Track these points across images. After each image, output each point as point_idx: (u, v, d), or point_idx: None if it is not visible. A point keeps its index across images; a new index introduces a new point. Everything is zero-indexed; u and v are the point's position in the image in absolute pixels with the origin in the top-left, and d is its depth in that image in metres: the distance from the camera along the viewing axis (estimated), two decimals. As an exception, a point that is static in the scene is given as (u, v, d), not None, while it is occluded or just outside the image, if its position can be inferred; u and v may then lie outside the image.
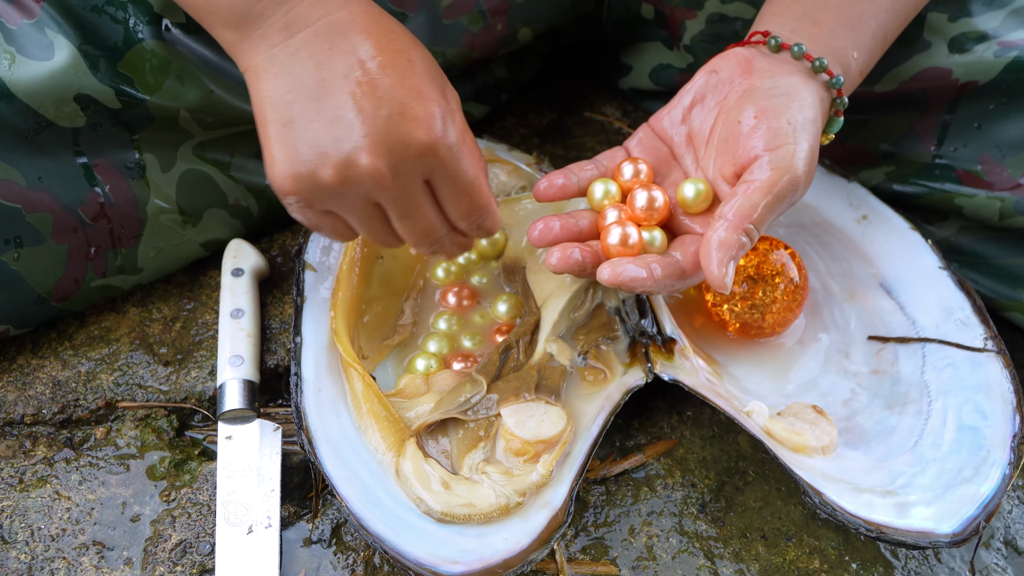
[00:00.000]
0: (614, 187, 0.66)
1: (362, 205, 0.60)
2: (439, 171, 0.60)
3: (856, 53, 0.67)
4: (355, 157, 0.57)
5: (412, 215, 0.61)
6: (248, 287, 0.74)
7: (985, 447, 0.65)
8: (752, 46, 0.67)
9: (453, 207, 0.62)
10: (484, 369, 0.68)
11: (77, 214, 0.70)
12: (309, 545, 0.66)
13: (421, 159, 0.59)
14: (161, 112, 0.71)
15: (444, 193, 0.62)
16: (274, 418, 0.70)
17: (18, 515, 0.66)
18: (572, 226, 0.66)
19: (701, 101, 0.67)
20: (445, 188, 0.61)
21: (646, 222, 0.65)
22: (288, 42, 0.59)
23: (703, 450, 0.71)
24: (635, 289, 0.61)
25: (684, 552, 0.66)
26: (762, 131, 0.62)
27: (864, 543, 0.67)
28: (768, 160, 0.61)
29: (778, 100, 0.63)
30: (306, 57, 0.58)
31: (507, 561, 0.60)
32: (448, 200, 0.62)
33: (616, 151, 0.70)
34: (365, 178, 0.58)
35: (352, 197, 0.59)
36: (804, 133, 0.62)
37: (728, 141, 0.63)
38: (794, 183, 0.61)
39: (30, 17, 0.67)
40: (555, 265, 0.63)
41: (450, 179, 0.61)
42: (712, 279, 0.59)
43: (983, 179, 0.74)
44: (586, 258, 0.63)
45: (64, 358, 0.73)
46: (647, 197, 0.64)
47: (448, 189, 0.61)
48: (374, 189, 0.59)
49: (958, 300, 0.71)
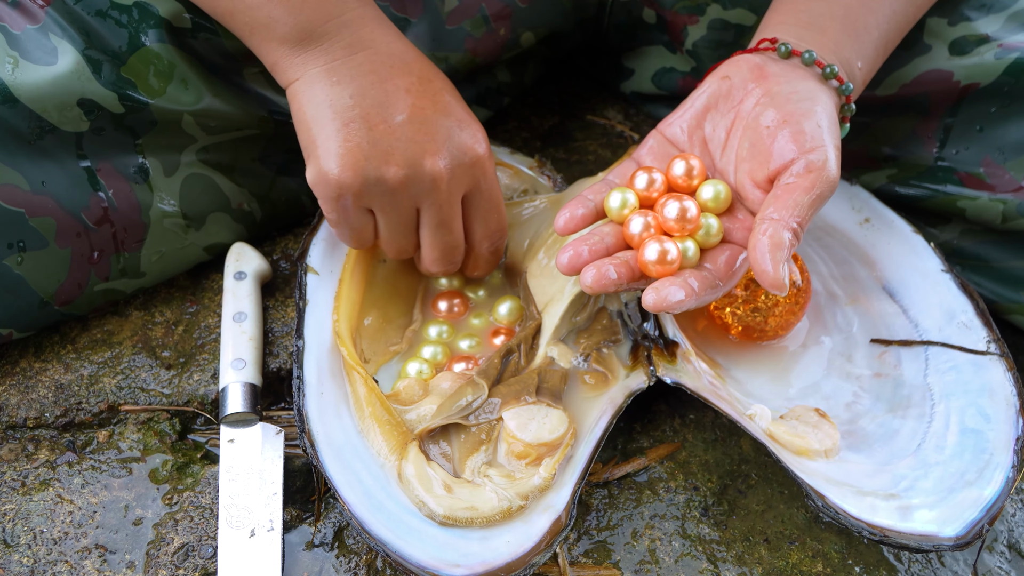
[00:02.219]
0: (632, 196, 0.64)
1: (408, 208, 0.66)
2: (480, 184, 0.67)
3: (860, 62, 0.68)
4: (420, 159, 0.64)
5: (447, 226, 0.67)
6: (250, 290, 0.74)
7: (988, 450, 0.65)
8: (761, 53, 0.67)
9: (481, 224, 0.69)
10: (485, 373, 0.68)
11: (80, 218, 0.70)
12: (311, 548, 0.66)
13: (471, 170, 0.66)
14: (164, 116, 0.71)
15: (478, 209, 0.68)
16: (276, 421, 0.70)
17: (20, 518, 0.66)
18: (598, 244, 0.64)
19: (715, 107, 0.67)
20: (482, 203, 0.68)
21: (679, 233, 0.63)
22: (351, 58, 0.65)
23: (706, 453, 0.71)
24: (678, 311, 0.60)
25: (687, 555, 0.66)
26: (792, 135, 0.62)
27: (867, 546, 0.67)
28: (805, 163, 0.61)
29: (803, 104, 0.63)
30: (369, 71, 0.65)
31: (509, 565, 0.60)
32: (479, 216, 0.69)
33: (626, 164, 0.68)
34: (426, 179, 0.64)
35: (404, 198, 0.65)
36: (831, 136, 0.62)
37: (756, 146, 0.63)
38: (832, 184, 0.61)
39: (34, 22, 0.68)
40: (590, 285, 0.61)
41: (487, 195, 0.68)
42: (768, 280, 0.58)
43: (985, 182, 0.74)
44: (622, 276, 0.61)
45: (67, 361, 0.73)
46: (679, 207, 0.62)
47: (484, 205, 0.68)
48: (428, 192, 0.65)
49: (961, 303, 0.71)
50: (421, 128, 0.64)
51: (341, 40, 0.65)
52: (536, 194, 0.79)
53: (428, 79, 0.66)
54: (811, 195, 0.60)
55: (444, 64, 0.80)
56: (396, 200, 0.65)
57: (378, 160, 0.63)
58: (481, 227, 0.69)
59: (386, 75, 0.65)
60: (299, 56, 0.65)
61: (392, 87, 0.64)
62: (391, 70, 0.65)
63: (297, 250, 0.75)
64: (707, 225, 0.63)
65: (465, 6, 0.79)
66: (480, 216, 0.69)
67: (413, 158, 0.63)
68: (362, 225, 0.67)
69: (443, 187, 0.65)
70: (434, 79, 0.67)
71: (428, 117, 0.64)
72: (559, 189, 0.79)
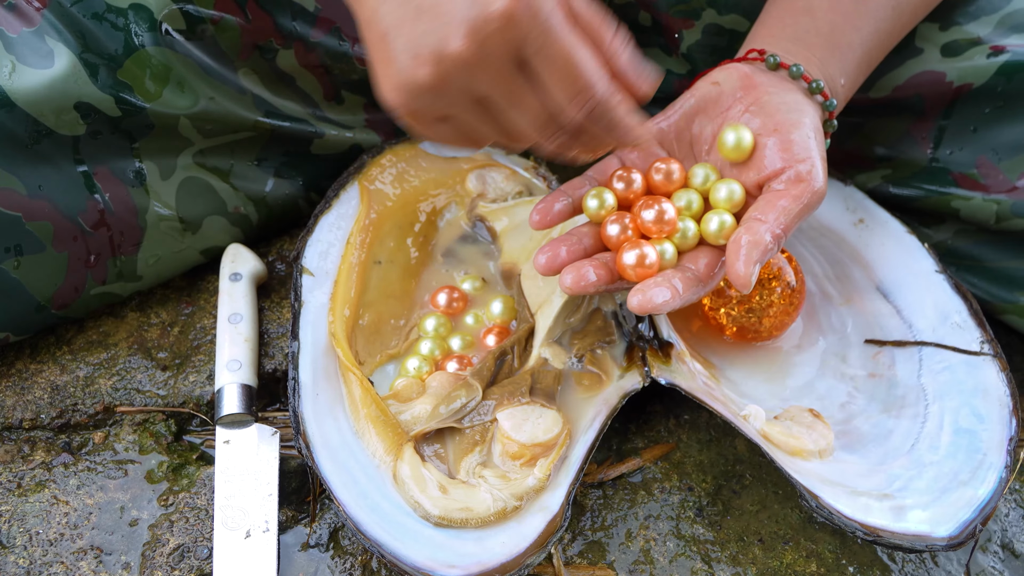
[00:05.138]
0: (610, 196, 0.64)
1: (468, 102, 0.56)
2: (528, 45, 0.53)
3: (843, 79, 0.69)
4: (442, 47, 0.53)
5: (518, 103, 0.55)
6: (246, 292, 0.74)
7: (981, 450, 0.65)
8: (750, 63, 0.68)
9: (554, 88, 0.55)
10: (479, 374, 0.68)
11: (77, 222, 0.70)
12: (307, 549, 0.66)
13: (503, 33, 0.52)
14: (161, 120, 0.71)
15: (540, 72, 0.54)
16: (272, 422, 0.70)
17: (16, 520, 0.66)
18: (576, 245, 0.63)
19: (703, 110, 0.67)
20: (539, 65, 0.54)
21: (656, 235, 0.63)
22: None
23: (700, 454, 0.71)
24: (664, 311, 0.59)
25: (681, 556, 0.66)
26: (781, 144, 0.62)
27: (861, 546, 0.67)
28: (795, 173, 0.61)
29: (791, 115, 0.64)
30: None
31: (504, 565, 0.60)
32: (547, 81, 0.55)
33: (608, 161, 0.68)
34: (457, 66, 0.53)
35: (454, 93, 0.55)
36: (819, 148, 0.63)
37: None
38: (819, 196, 0.62)
39: (30, 25, 0.68)
40: (569, 287, 0.60)
41: (541, 52, 0.53)
42: (736, 276, 0.58)
43: (980, 182, 0.74)
44: (601, 278, 0.61)
45: (62, 363, 0.74)
46: (656, 210, 0.62)
47: (542, 64, 0.54)
48: (469, 78, 0.54)
49: (955, 303, 0.71)
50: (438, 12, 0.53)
51: None
52: (532, 195, 0.79)
53: None
54: (799, 204, 0.61)
55: None
56: (451, 99, 0.55)
57: (411, 67, 0.54)
58: (557, 93, 0.55)
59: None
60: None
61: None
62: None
63: (293, 251, 0.75)
64: (684, 228, 0.63)
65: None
66: (548, 81, 0.54)
67: (434, 52, 0.53)
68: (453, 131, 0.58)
69: (481, 68, 0.53)
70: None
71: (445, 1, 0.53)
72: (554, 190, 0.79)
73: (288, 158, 0.79)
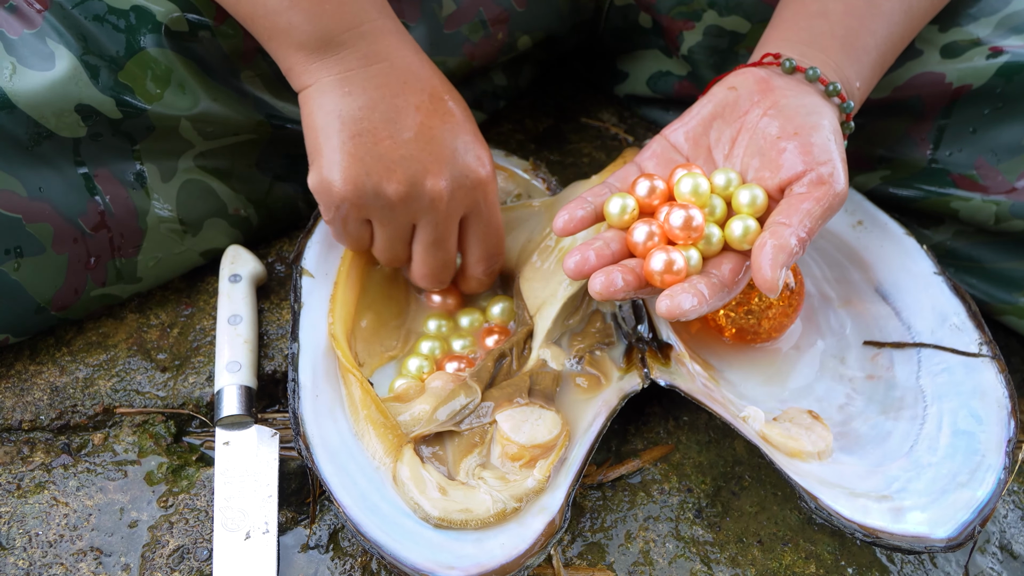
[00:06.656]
0: (632, 201, 0.63)
1: (404, 223, 0.67)
2: (480, 207, 0.67)
3: (858, 82, 0.69)
4: (422, 177, 0.64)
5: (440, 245, 0.68)
6: (246, 293, 0.75)
7: (980, 452, 0.65)
8: (765, 67, 0.68)
9: (477, 246, 0.70)
10: (478, 375, 0.68)
11: (77, 224, 0.70)
12: (306, 551, 0.66)
13: (472, 192, 0.66)
14: (162, 122, 0.71)
15: (476, 231, 0.69)
16: (272, 424, 0.71)
17: (16, 521, 0.66)
18: (604, 250, 0.63)
19: (720, 115, 0.67)
20: (480, 226, 0.69)
21: (683, 241, 0.62)
22: (365, 69, 0.65)
23: (699, 455, 0.71)
24: (691, 317, 0.59)
25: (680, 557, 0.66)
26: (802, 147, 0.62)
27: (860, 548, 0.67)
28: (816, 175, 0.61)
29: (811, 118, 0.64)
30: (381, 84, 0.65)
31: (504, 566, 0.60)
32: (476, 239, 0.69)
33: (628, 168, 0.68)
34: (425, 198, 0.65)
35: (402, 213, 0.66)
36: (839, 150, 0.63)
37: (765, 156, 0.63)
38: (841, 198, 0.62)
39: (31, 27, 0.68)
40: (599, 292, 0.60)
41: (486, 218, 0.68)
42: (764, 281, 0.58)
43: (978, 183, 0.74)
44: (629, 284, 0.61)
45: (62, 364, 0.74)
46: (684, 216, 0.61)
47: (482, 227, 0.69)
48: (426, 210, 0.65)
49: (953, 305, 0.71)
50: (426, 147, 0.65)
51: (357, 51, 0.65)
52: (530, 197, 0.79)
53: (440, 97, 0.67)
54: (821, 206, 0.60)
55: (441, 68, 0.81)
56: (393, 215, 0.66)
57: (379, 175, 0.64)
58: (477, 249, 0.70)
59: (398, 90, 0.65)
60: (315, 63, 0.65)
61: (403, 103, 0.65)
62: (403, 85, 0.65)
63: (292, 253, 0.75)
64: (708, 233, 0.62)
65: (463, 10, 0.80)
66: (477, 238, 0.69)
67: (415, 176, 0.64)
68: (358, 233, 0.68)
69: (441, 207, 0.65)
70: (446, 97, 0.67)
71: (435, 136, 0.65)
72: (553, 192, 0.79)
73: (288, 160, 0.79)
